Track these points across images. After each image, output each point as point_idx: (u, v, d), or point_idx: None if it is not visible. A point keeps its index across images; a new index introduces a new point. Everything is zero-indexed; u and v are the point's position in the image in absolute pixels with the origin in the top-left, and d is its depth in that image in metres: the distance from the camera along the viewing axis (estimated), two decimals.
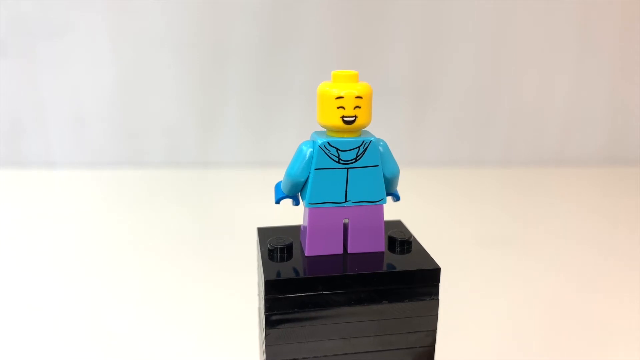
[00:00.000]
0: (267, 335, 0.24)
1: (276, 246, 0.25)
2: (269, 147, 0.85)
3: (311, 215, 0.25)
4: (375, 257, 0.26)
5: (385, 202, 0.26)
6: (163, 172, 0.82)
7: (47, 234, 0.60)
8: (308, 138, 0.26)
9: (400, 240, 0.26)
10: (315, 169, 0.24)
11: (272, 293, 0.23)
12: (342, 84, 0.24)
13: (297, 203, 0.26)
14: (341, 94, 0.23)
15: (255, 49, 0.82)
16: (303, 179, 0.25)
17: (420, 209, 0.67)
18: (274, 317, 0.24)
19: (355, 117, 0.24)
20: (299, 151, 0.25)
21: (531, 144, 0.89)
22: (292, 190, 0.26)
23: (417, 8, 0.82)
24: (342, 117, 0.24)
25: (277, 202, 0.26)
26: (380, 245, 0.26)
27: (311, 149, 0.24)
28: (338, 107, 0.24)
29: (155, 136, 0.84)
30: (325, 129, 0.25)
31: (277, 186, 0.27)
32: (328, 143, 0.24)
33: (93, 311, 0.44)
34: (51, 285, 0.48)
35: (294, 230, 0.28)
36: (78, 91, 0.82)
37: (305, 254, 0.26)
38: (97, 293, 0.47)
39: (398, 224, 0.29)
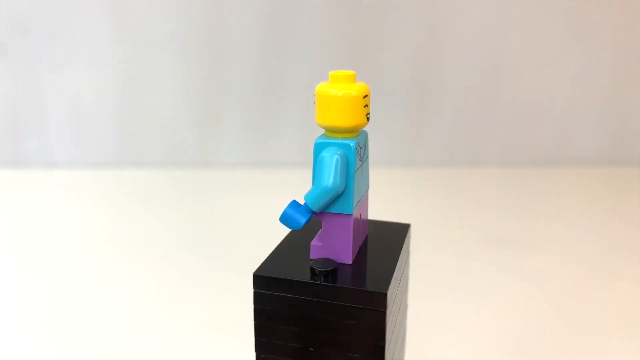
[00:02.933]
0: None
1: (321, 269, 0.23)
2: (269, 147, 0.85)
3: (355, 222, 0.24)
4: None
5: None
6: (163, 172, 0.82)
7: (47, 234, 0.60)
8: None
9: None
10: (355, 172, 0.23)
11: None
12: (340, 85, 0.24)
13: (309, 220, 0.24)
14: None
15: (255, 49, 0.82)
16: (344, 187, 0.23)
17: (420, 209, 0.67)
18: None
19: None
20: (336, 160, 0.23)
21: (531, 144, 0.89)
22: (326, 205, 0.23)
23: (417, 8, 0.82)
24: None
25: (302, 226, 0.24)
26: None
27: (346, 154, 0.23)
28: (365, 106, 0.23)
29: (155, 136, 0.85)
30: (324, 130, 0.25)
31: (294, 210, 0.24)
32: (357, 144, 0.23)
33: (93, 311, 0.44)
34: (51, 286, 0.48)
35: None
36: (78, 91, 0.82)
37: (347, 262, 0.24)
38: (97, 293, 0.47)
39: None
